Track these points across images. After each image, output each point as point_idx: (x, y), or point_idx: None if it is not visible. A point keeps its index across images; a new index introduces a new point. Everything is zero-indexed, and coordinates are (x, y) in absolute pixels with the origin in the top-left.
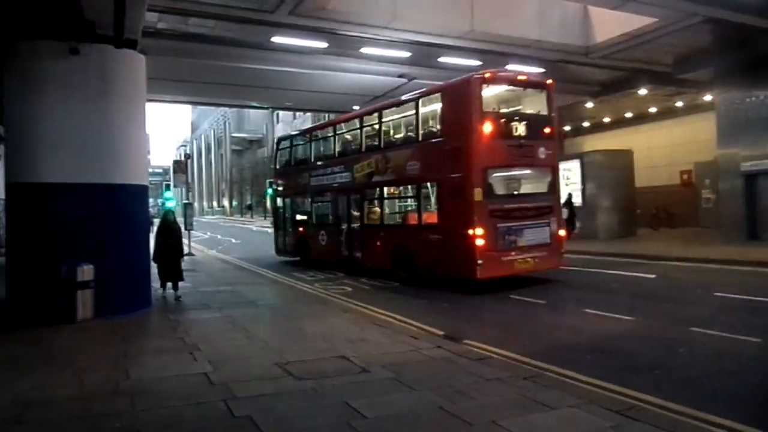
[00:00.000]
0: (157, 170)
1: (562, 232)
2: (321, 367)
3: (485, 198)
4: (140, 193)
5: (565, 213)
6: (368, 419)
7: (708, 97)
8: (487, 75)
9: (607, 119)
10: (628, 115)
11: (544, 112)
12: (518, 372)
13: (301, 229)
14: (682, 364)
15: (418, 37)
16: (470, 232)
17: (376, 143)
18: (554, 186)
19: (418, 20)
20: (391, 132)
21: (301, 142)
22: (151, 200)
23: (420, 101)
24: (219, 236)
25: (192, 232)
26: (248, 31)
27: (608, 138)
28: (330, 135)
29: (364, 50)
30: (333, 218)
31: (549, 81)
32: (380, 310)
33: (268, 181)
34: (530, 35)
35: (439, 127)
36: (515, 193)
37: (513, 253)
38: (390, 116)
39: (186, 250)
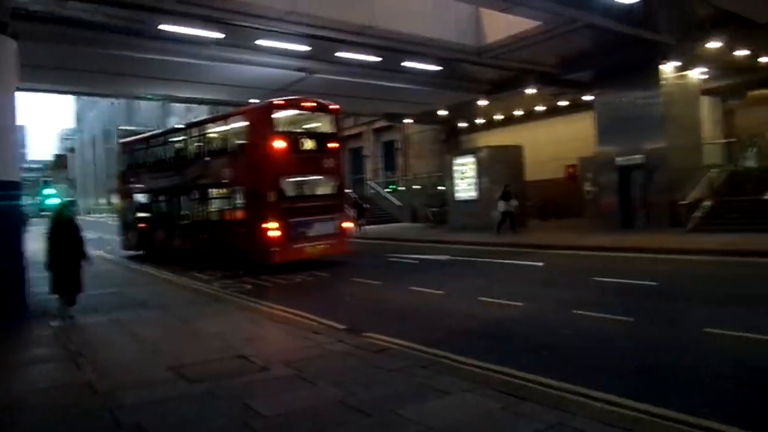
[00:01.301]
0: (34, 165)
1: (348, 225)
2: (218, 369)
3: (278, 199)
4: (9, 188)
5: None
6: (267, 417)
7: (588, 97)
8: (278, 102)
9: (499, 116)
10: (519, 112)
11: (332, 130)
12: (417, 361)
13: (142, 225)
14: (567, 344)
15: (316, 31)
16: (266, 226)
17: (199, 152)
18: (340, 189)
19: (316, 13)
20: (212, 143)
21: (142, 148)
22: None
23: (231, 119)
24: (106, 236)
25: None
26: (132, 18)
27: (500, 134)
28: (164, 143)
29: (261, 42)
30: (169, 216)
31: (333, 106)
32: (281, 307)
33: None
34: (427, 34)
35: (244, 142)
36: (305, 194)
37: (303, 242)
38: (210, 130)
39: None
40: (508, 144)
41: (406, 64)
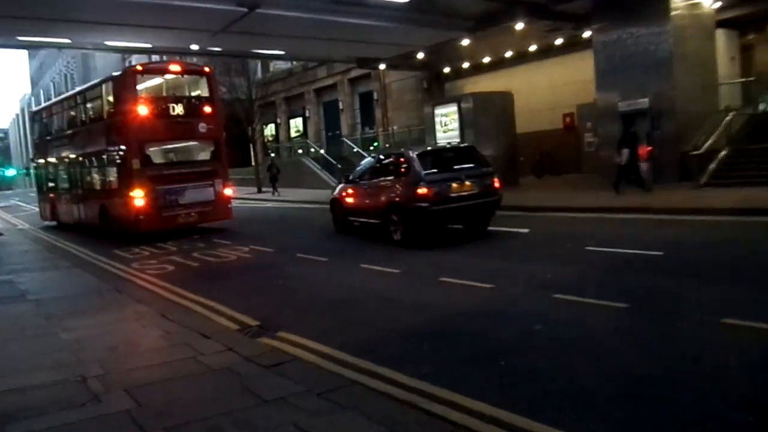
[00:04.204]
0: None
1: (229, 191)
2: (35, 399)
3: (143, 166)
4: None
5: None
6: None
7: (587, 33)
8: (139, 67)
9: (487, 59)
10: (509, 54)
11: (206, 94)
12: (317, 383)
13: (51, 195)
14: (535, 348)
15: None
16: (131, 194)
17: (84, 119)
18: (217, 154)
19: None
20: (91, 112)
21: (48, 116)
22: None
23: (102, 86)
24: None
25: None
26: None
27: (489, 80)
28: (61, 111)
29: None
30: (69, 186)
31: (206, 68)
32: (192, 295)
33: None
34: None
35: (111, 109)
36: (176, 161)
37: (175, 210)
38: (89, 97)
39: None
40: (496, 90)
41: None
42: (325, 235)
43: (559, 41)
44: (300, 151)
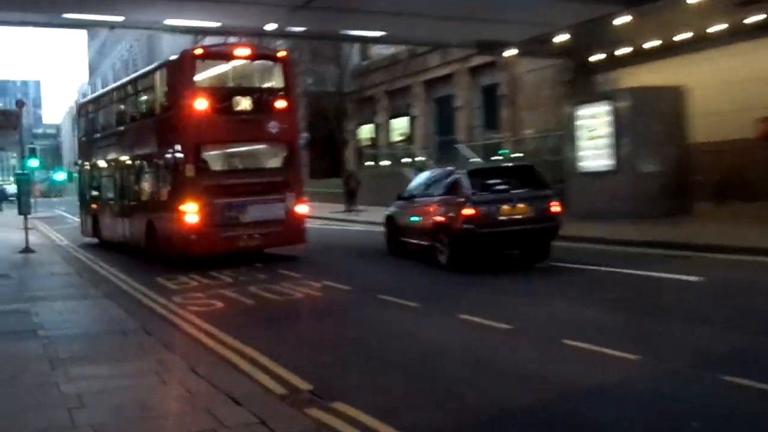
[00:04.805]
0: (49, 131)
1: (303, 209)
2: None
3: (198, 174)
4: None
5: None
6: None
7: None
8: (198, 50)
9: (650, 43)
10: (681, 36)
11: (279, 84)
12: None
13: (94, 207)
14: None
15: None
16: (182, 208)
17: (134, 115)
18: (291, 160)
19: None
20: (142, 105)
21: (95, 109)
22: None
23: (157, 74)
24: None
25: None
26: None
27: (652, 72)
28: (109, 104)
29: None
30: (114, 196)
31: (281, 53)
32: (237, 342)
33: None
34: None
35: (164, 103)
36: (237, 168)
37: (235, 230)
38: (141, 88)
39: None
40: (663, 85)
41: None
42: (420, 271)
43: (754, 19)
44: (405, 159)
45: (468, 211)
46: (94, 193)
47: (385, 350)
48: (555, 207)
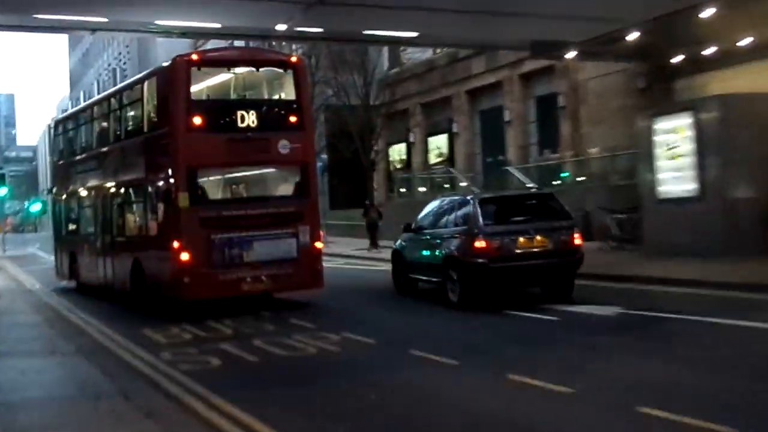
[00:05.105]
0: (24, 153)
1: (319, 245)
2: None
3: (194, 204)
4: None
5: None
6: None
7: None
8: (194, 56)
9: (744, 41)
10: None
11: (291, 96)
12: None
13: (71, 244)
14: None
15: None
16: (174, 244)
17: (118, 133)
18: (305, 187)
19: None
20: (127, 122)
21: (74, 126)
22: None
23: (145, 84)
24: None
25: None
26: None
27: (747, 76)
28: (89, 120)
29: None
30: (91, 229)
31: (293, 58)
32: (234, 409)
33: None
34: None
35: (153, 118)
36: (239, 197)
37: (238, 271)
38: (125, 101)
39: None
40: (757, 92)
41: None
42: (459, 319)
43: None
44: (445, 185)
45: (480, 244)
46: (72, 227)
47: (413, 421)
48: (577, 239)
